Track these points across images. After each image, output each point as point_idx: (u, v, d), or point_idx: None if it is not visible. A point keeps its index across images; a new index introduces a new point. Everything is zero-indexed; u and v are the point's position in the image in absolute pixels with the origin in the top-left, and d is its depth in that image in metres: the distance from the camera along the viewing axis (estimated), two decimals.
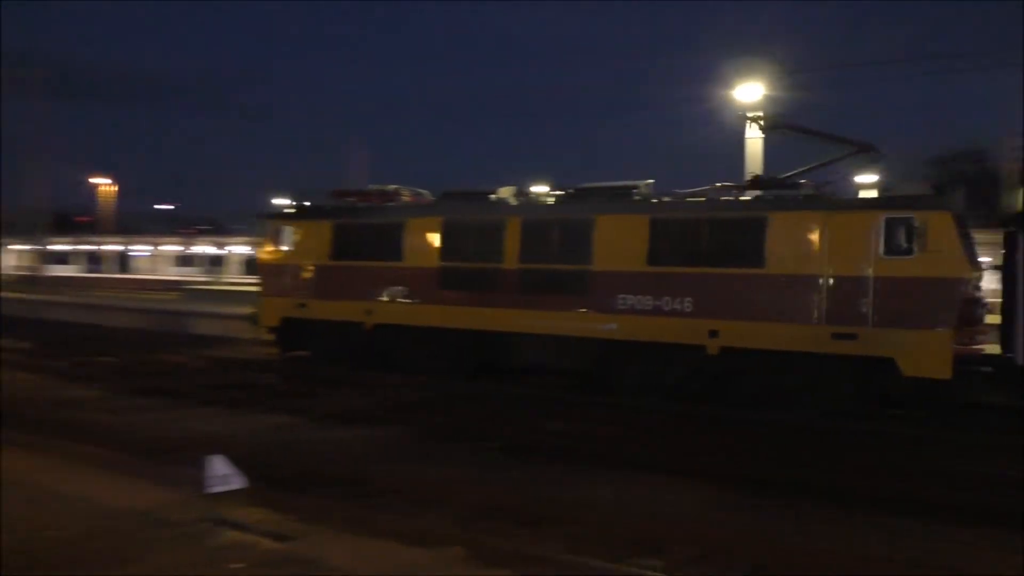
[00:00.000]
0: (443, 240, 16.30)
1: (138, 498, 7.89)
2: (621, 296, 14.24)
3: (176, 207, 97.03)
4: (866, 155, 14.70)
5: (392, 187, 18.31)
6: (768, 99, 26.47)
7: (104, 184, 51.81)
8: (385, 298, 16.82)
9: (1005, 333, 12.42)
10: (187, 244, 74.16)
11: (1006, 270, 12.58)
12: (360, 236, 17.51)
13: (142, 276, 66.82)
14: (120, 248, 79.30)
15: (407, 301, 16.55)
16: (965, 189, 13.57)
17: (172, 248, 75.98)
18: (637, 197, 15.12)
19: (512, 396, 14.73)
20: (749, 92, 26.20)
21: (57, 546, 6.69)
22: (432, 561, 6.46)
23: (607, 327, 14.37)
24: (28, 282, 48.66)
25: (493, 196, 16.65)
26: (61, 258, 77.31)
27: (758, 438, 11.61)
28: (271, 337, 18.87)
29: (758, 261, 13.28)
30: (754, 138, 25.15)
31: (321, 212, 18.51)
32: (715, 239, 13.77)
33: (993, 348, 13.12)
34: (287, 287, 18.11)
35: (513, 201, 16.48)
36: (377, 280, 16.88)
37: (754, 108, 25.77)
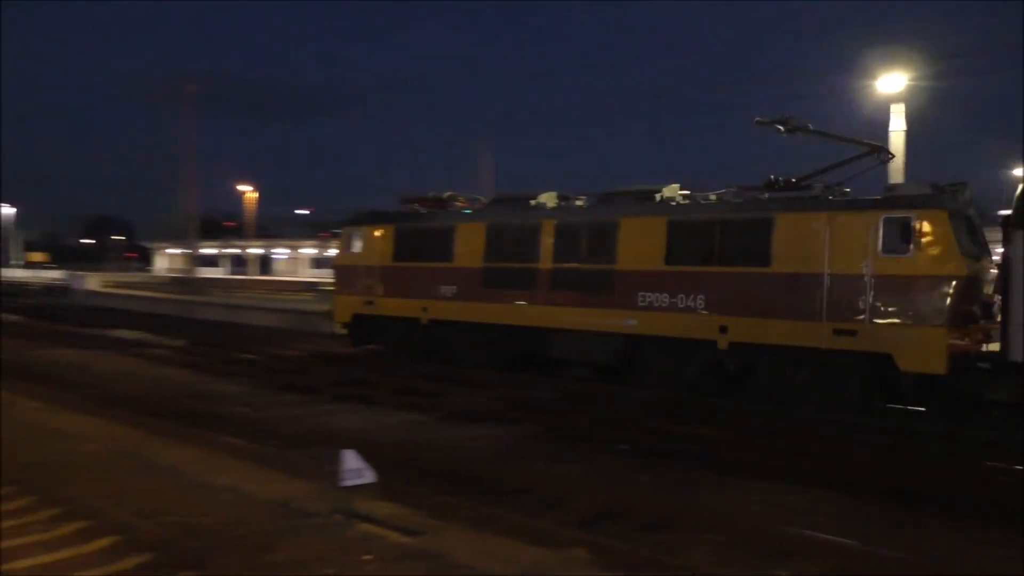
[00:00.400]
0: (487, 242, 17.48)
1: (277, 489, 8.30)
2: (641, 293, 14.99)
3: (311, 212, 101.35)
4: (876, 156, 15.15)
5: (447, 193, 19.51)
6: (912, 88, 25.18)
7: (248, 191, 55.05)
8: (438, 296, 18.08)
9: (1001, 329, 12.12)
10: (323, 247, 77.43)
11: (1000, 266, 12.47)
12: (417, 239, 18.91)
13: (282, 278, 70.24)
14: (262, 251, 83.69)
15: (456, 299, 17.76)
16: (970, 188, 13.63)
17: (309, 251, 79.44)
18: (657, 199, 15.89)
19: (637, 398, 14.57)
20: (892, 82, 24.98)
21: (204, 532, 7.13)
22: (556, 561, 6.46)
23: (629, 323, 15.13)
24: (180, 284, 51.97)
25: (532, 202, 17.61)
26: (210, 261, 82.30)
27: (886, 446, 11.01)
28: (345, 331, 20.34)
29: (765, 260, 13.79)
30: (897, 131, 23.96)
31: (385, 218, 19.97)
32: (725, 239, 14.33)
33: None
34: (357, 286, 19.67)
35: (550, 205, 17.30)
36: (431, 279, 18.20)
37: (897, 99, 24.59)
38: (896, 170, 21.92)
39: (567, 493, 8.66)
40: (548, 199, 17.31)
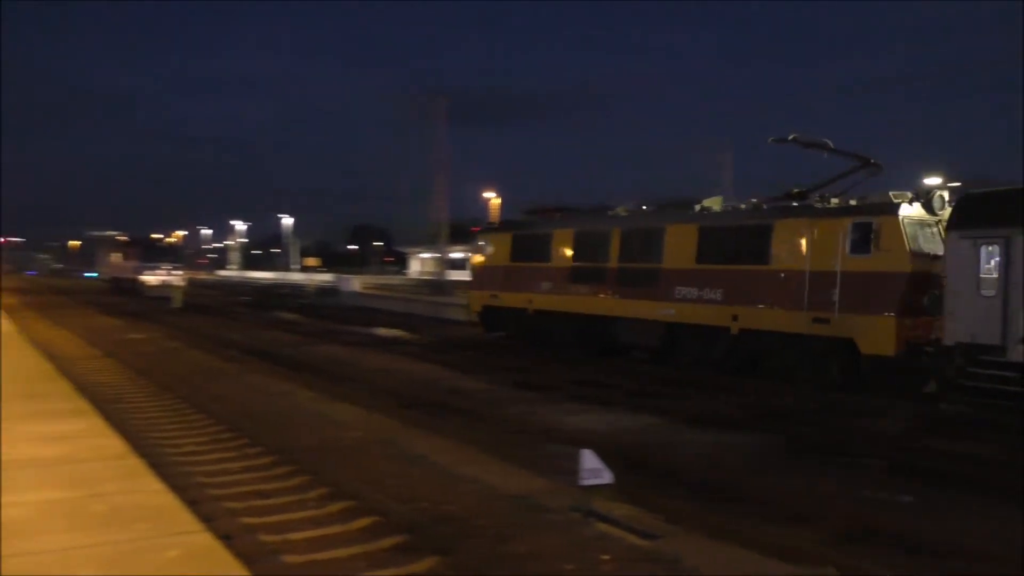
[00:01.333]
0: (574, 246, 20.98)
1: (517, 483, 8.62)
2: (678, 288, 17.73)
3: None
4: (868, 169, 16.90)
5: (553, 206, 23.59)
6: None
7: (492, 197, 57.84)
8: (539, 290, 21.78)
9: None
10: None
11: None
12: (527, 244, 22.71)
13: None
14: None
15: (552, 292, 21.31)
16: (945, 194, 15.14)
17: None
18: (696, 209, 18.62)
19: (884, 408, 13.43)
20: None
21: (451, 520, 7.56)
22: None
23: (668, 312, 17.96)
24: (430, 286, 55.40)
25: (610, 212, 21.01)
26: (458, 264, 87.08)
27: None
28: (477, 320, 24.57)
29: (765, 259, 16.20)
30: None
31: (508, 227, 24.49)
32: (737, 242, 17.03)
33: None
34: (486, 283, 23.97)
35: (623, 213, 20.65)
36: (535, 276, 21.94)
37: None
38: None
39: (814, 508, 8.15)
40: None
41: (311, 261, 78.30)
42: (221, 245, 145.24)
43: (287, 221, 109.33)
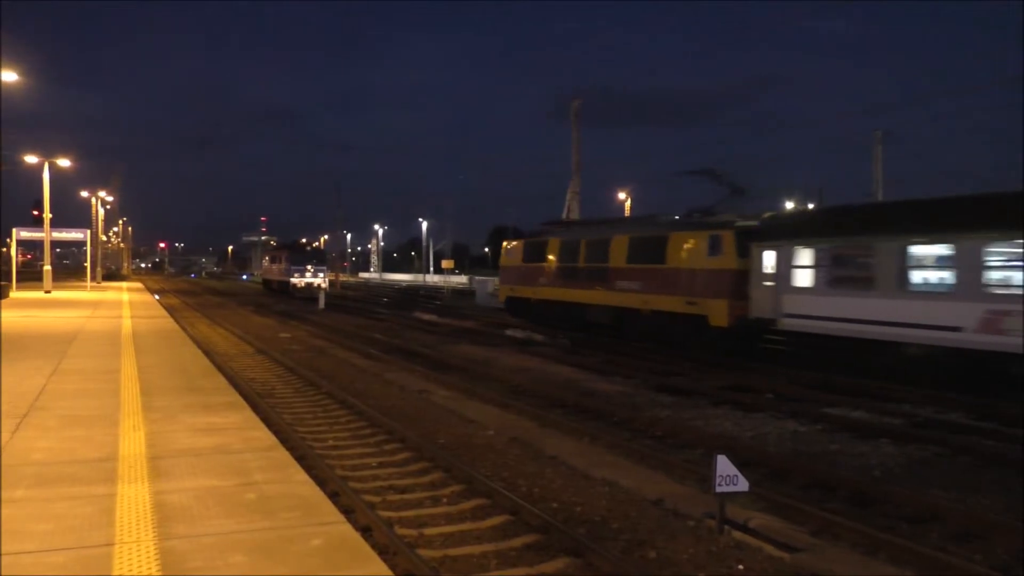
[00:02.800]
0: (559, 252, 27.67)
1: (652, 487, 8.46)
2: (618, 282, 23.89)
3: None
4: (740, 195, 22.91)
5: (556, 220, 33.19)
6: None
7: (622, 197, 57.16)
8: (540, 284, 28.64)
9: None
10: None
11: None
12: (532, 250, 29.64)
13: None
14: None
15: (547, 286, 28.16)
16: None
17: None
18: (633, 224, 25.95)
19: None
20: None
21: (586, 522, 7.51)
22: None
23: (614, 299, 24.16)
24: None
25: (597, 225, 28.34)
26: None
27: None
28: (504, 307, 32.67)
29: (663, 260, 21.94)
30: None
31: (519, 235, 33.23)
32: (648, 248, 22.79)
33: None
34: (508, 280, 31.66)
35: (598, 227, 27.53)
36: (537, 275, 28.87)
37: None
38: None
39: (980, 526, 7.53)
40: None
41: (447, 263, 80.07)
42: (368, 247, 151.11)
43: (425, 225, 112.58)
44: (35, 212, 42.06)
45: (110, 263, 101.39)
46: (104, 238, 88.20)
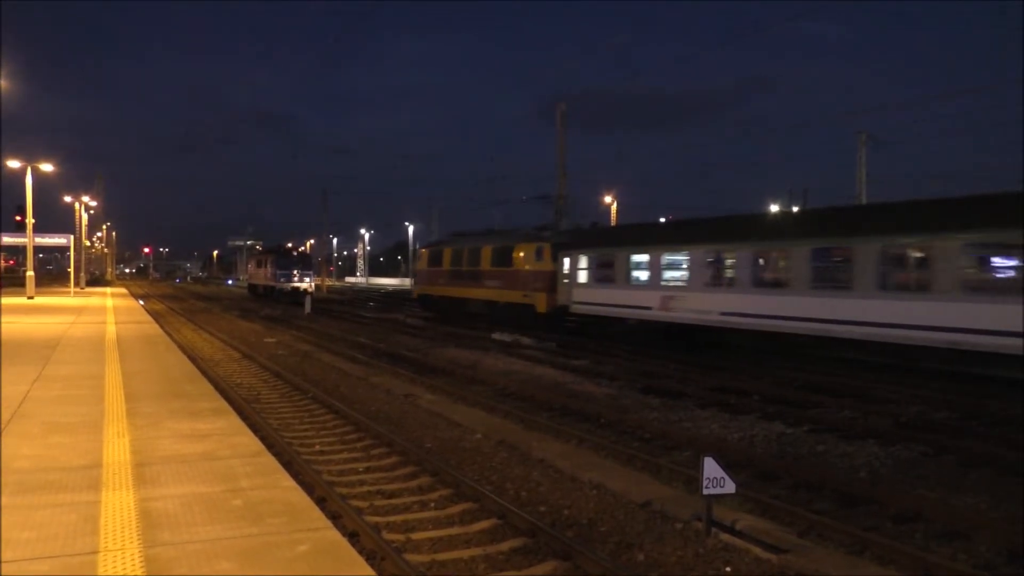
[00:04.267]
0: (451, 258, 36.17)
1: (640, 489, 8.46)
2: (488, 280, 32.09)
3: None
4: (562, 216, 38.18)
5: (456, 231, 41.72)
6: None
7: (608, 201, 57.25)
8: (436, 284, 37.38)
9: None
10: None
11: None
12: (434, 256, 38.38)
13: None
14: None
15: (441, 285, 36.85)
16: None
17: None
18: (497, 236, 33.94)
19: None
20: None
21: (575, 526, 7.51)
22: None
23: (484, 294, 32.40)
24: None
25: (467, 236, 37.72)
26: None
27: None
28: (417, 302, 41.53)
29: (511, 264, 30.43)
30: None
31: (426, 245, 42.66)
32: (502, 255, 31.17)
33: None
34: (419, 280, 41.54)
35: (463, 239, 37.00)
36: (436, 276, 37.56)
37: None
38: None
39: (964, 525, 7.58)
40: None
41: None
42: (355, 251, 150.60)
43: (412, 228, 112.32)
44: (18, 217, 41.57)
45: (94, 268, 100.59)
46: (88, 243, 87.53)
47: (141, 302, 42.67)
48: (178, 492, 5.92)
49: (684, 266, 21.50)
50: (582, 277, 25.67)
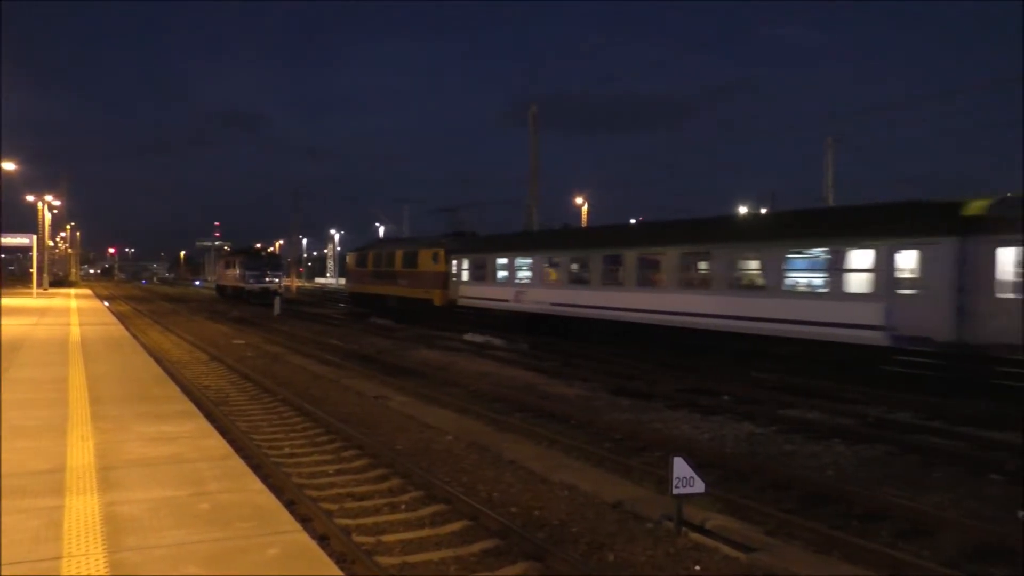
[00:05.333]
0: (373, 260, 41.72)
1: (611, 490, 8.49)
2: (400, 280, 37.49)
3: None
4: (461, 226, 41.11)
5: (384, 237, 60.29)
6: None
7: (580, 202, 57.96)
8: (365, 283, 42.47)
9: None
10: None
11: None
12: (361, 258, 43.84)
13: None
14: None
15: (368, 284, 42.04)
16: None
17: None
18: (407, 242, 41.40)
19: (1013, 416, 12.63)
20: None
21: (546, 527, 7.51)
22: None
23: (395, 292, 38.04)
24: None
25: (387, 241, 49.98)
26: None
27: None
28: (351, 300, 47.03)
29: (416, 266, 35.97)
30: None
31: (354, 249, 48.90)
32: (410, 258, 36.78)
33: None
34: (350, 280, 46.73)
35: (394, 243, 44.12)
36: (364, 276, 42.74)
37: None
38: None
39: (930, 523, 7.70)
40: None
41: None
42: (325, 252, 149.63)
43: (383, 229, 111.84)
44: None
45: (58, 269, 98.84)
46: (51, 243, 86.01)
47: (106, 304, 42.02)
48: (144, 496, 5.83)
49: (528, 268, 27.94)
50: (465, 276, 32.03)
